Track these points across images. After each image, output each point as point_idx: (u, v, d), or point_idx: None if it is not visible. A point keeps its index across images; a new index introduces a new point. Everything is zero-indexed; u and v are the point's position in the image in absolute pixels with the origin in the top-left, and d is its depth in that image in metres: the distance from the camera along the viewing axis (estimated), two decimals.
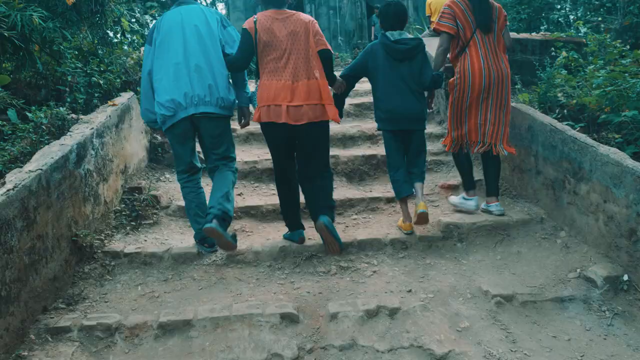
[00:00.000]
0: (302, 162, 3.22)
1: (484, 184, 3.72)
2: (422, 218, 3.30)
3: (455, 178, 4.31)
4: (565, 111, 4.05)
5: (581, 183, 3.13)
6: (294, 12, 3.16)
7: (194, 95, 2.96)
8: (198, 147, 3.30)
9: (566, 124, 3.62)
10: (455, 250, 3.36)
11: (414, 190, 3.40)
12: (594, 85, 4.00)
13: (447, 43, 3.43)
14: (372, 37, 12.92)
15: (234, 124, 3.55)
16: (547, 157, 3.49)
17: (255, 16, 3.11)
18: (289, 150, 3.20)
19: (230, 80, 3.20)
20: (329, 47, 3.12)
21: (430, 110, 4.17)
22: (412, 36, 3.52)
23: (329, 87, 3.14)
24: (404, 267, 3.19)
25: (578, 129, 3.62)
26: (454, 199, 3.73)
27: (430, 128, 5.33)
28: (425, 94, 3.61)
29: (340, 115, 3.35)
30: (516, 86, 5.19)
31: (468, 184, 3.64)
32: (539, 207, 3.62)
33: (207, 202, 3.13)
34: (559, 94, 4.21)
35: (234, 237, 3.04)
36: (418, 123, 3.43)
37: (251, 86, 3.37)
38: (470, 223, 3.46)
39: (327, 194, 3.25)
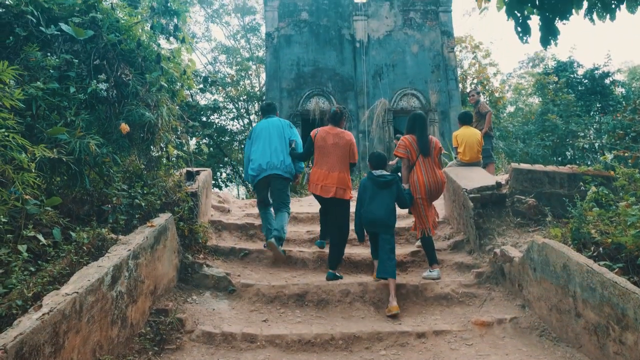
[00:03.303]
0: (331, 217, 5.16)
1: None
2: (393, 316, 4.22)
3: (488, 313, 4.16)
4: (600, 249, 3.96)
5: (627, 332, 2.95)
6: (343, 130, 5.23)
7: (271, 162, 5.22)
8: None
9: (603, 264, 3.52)
10: None
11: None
12: (628, 223, 3.95)
13: (407, 163, 5.00)
14: None
15: None
16: (586, 299, 3.35)
17: (317, 129, 5.20)
18: (326, 208, 5.30)
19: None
20: (356, 161, 5.25)
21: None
22: (389, 173, 4.84)
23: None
24: None
25: (616, 270, 3.51)
26: (425, 274, 4.89)
27: (460, 257, 5.27)
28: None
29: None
30: (547, 219, 5.18)
31: (432, 260, 4.90)
32: (583, 354, 3.39)
33: (270, 223, 5.28)
34: (593, 231, 4.15)
35: (284, 251, 5.18)
36: (390, 228, 4.73)
37: (306, 169, 5.30)
38: None
39: (343, 232, 5.03)
